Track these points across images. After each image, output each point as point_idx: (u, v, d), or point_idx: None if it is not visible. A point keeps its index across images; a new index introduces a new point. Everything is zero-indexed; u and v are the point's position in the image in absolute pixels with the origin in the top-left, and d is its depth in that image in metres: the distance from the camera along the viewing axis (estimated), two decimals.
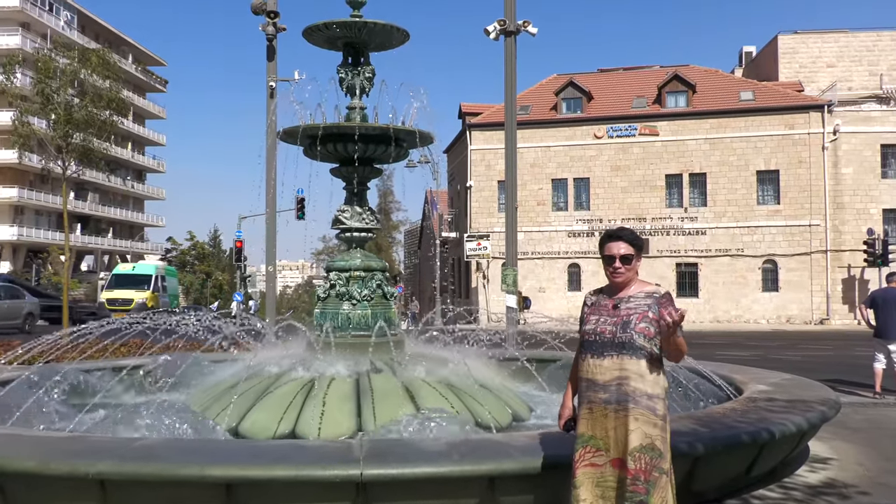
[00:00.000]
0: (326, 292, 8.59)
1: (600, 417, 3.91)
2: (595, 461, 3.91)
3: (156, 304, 41.25)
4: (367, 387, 7.36)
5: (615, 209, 43.50)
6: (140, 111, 79.55)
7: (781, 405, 6.91)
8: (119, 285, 41.95)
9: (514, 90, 18.71)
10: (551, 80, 48.63)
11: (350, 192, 8.92)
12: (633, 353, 3.88)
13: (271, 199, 20.28)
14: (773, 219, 41.81)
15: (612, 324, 3.95)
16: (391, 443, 5.57)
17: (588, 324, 4.05)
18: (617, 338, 3.91)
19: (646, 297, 3.98)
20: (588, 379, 3.98)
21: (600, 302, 4.09)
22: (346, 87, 8.88)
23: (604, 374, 3.91)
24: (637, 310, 3.93)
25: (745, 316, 41.69)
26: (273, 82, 20.63)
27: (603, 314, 4.01)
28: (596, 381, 3.93)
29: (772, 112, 42.15)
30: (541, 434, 5.38)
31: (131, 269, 44.63)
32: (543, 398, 8.57)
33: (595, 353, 3.96)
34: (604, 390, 3.90)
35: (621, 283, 4.04)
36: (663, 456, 3.83)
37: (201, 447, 5.41)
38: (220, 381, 8.35)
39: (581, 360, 4.08)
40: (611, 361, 3.91)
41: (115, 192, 78.09)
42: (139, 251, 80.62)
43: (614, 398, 3.87)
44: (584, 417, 3.98)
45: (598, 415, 3.91)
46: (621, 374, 3.88)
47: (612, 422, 3.88)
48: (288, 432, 6.86)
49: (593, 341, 3.99)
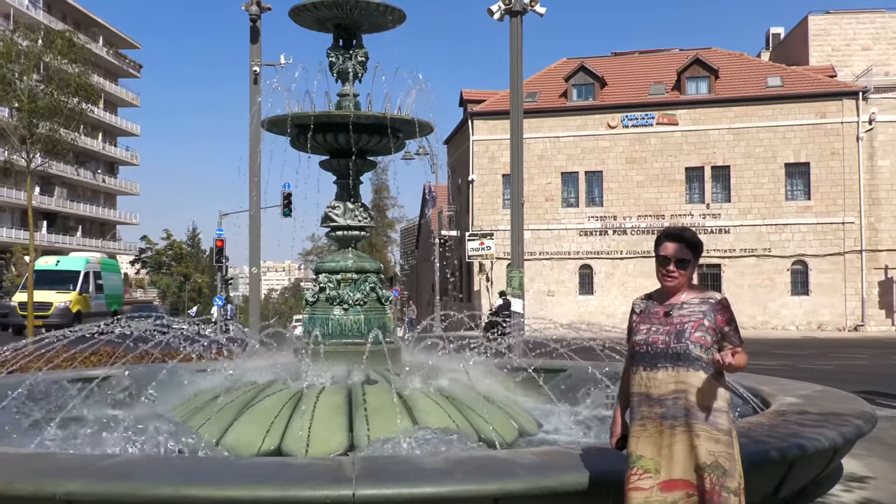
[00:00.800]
0: (315, 296, 8.59)
1: (654, 434, 3.92)
2: (640, 484, 3.91)
3: (85, 308, 37.44)
4: (361, 399, 7.36)
5: (630, 205, 43.52)
6: (112, 98, 79.60)
7: (812, 419, 6.91)
8: (37, 285, 36.13)
9: (521, 76, 18.73)
10: (561, 65, 48.63)
11: (341, 186, 8.92)
12: (690, 365, 3.89)
13: (255, 195, 20.30)
14: (804, 216, 41.81)
15: (665, 333, 3.96)
16: (387, 460, 5.57)
17: (638, 334, 4.06)
18: (671, 348, 3.92)
19: (700, 304, 3.99)
20: (641, 393, 3.99)
21: (650, 309, 4.10)
22: (337, 72, 8.88)
23: (659, 388, 3.93)
24: (691, 317, 3.95)
25: (773, 322, 41.70)
26: (257, 67, 20.66)
27: (654, 322, 4.03)
28: (650, 396, 3.95)
29: (802, 99, 42.16)
30: (550, 451, 5.38)
31: (54, 265, 38.76)
32: (552, 411, 8.57)
33: (648, 365, 3.97)
34: (659, 405, 3.92)
35: (673, 288, 4.06)
36: (730, 474, 3.82)
37: (179, 465, 5.42)
38: (200, 393, 8.36)
39: (632, 372, 4.08)
40: (665, 374, 3.92)
41: (84, 187, 78.14)
42: (111, 251, 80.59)
43: (671, 413, 3.89)
44: (634, 435, 4.00)
45: (653, 431, 3.93)
46: (678, 386, 3.89)
47: (667, 439, 3.89)
48: (273, 448, 6.86)
49: (645, 352, 3.99)
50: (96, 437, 6.18)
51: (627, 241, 43.54)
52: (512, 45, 18.56)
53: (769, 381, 9.54)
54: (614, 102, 44.46)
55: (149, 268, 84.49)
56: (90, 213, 78.24)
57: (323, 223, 8.92)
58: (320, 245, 73.12)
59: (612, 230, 43.68)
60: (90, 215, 78.42)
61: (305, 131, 8.43)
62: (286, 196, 31.95)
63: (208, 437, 6.94)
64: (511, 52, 18.58)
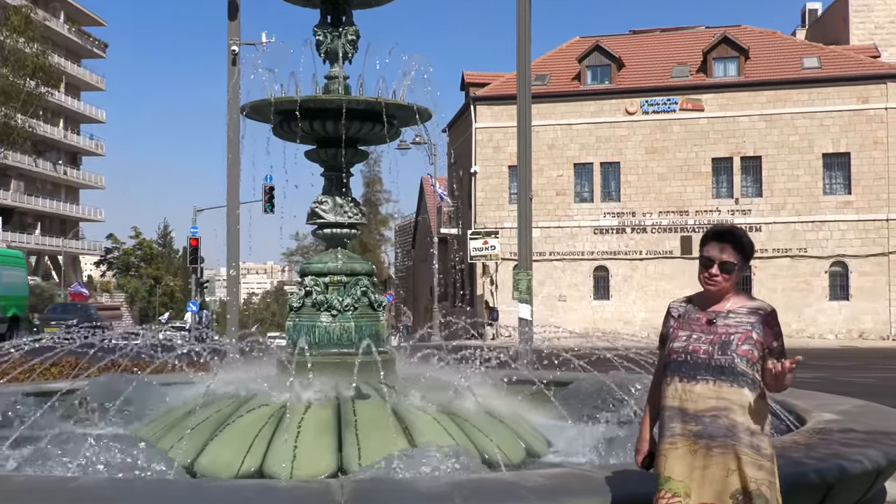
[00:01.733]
0: (301, 301, 8.60)
1: (687, 454, 3.89)
2: None
3: None
4: (351, 416, 7.38)
5: (651, 200, 43.56)
6: (74, 81, 79.64)
7: (853, 437, 6.92)
8: None
9: (529, 56, 18.74)
10: (573, 44, 48.67)
11: (329, 179, 8.93)
12: (734, 380, 3.88)
13: (233, 189, 20.33)
14: (843, 212, 41.85)
15: (709, 342, 3.93)
16: (379, 483, 5.57)
17: (677, 340, 4.02)
18: (714, 360, 3.90)
19: (749, 314, 3.97)
20: (675, 407, 3.96)
21: (690, 314, 4.08)
22: (325, 52, 8.88)
23: (696, 402, 3.90)
24: (738, 328, 3.93)
25: (809, 330, 41.73)
26: (236, 46, 20.68)
27: (695, 330, 4.00)
28: (686, 410, 3.92)
29: (841, 82, 42.20)
30: (561, 473, 5.39)
31: None
32: (564, 429, 8.58)
33: (685, 376, 3.95)
34: (695, 421, 3.89)
35: (715, 293, 4.04)
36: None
37: (148, 489, 5.42)
38: (173, 408, 8.37)
39: (666, 383, 4.04)
40: (705, 387, 3.90)
41: (43, 180, 78.17)
42: (73, 251, 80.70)
43: (708, 431, 3.86)
44: (664, 454, 3.96)
45: (685, 451, 3.89)
46: (719, 403, 3.87)
47: (700, 460, 3.86)
48: (254, 470, 6.87)
49: (683, 361, 3.96)
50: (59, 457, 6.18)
51: (647, 240, 43.58)
52: (519, 22, 18.57)
53: (804, 396, 9.55)
54: (633, 86, 44.50)
55: (115, 269, 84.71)
56: (50, 209, 78.28)
57: (309, 220, 8.92)
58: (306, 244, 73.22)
59: (630, 228, 43.71)
60: (50, 211, 78.47)
61: (290, 118, 8.43)
62: (268, 190, 32.03)
63: (182, 457, 6.95)
64: (518, 29, 18.60)
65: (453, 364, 9.26)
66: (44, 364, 12.04)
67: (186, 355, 9.63)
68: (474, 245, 43.57)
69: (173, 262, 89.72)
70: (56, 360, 12.33)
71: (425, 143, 41.48)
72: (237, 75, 19.60)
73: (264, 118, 8.76)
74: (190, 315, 36.09)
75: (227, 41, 20.83)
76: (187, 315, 37.20)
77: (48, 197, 78.69)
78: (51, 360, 11.85)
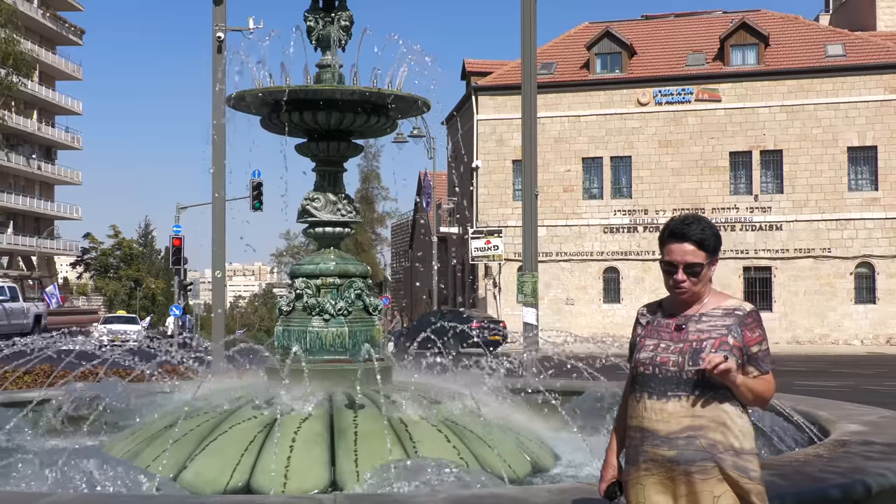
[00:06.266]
0: (291, 304, 8.60)
1: (665, 481, 3.66)
2: None
3: None
4: (345, 427, 7.38)
5: (664, 197, 43.55)
6: (48, 70, 79.63)
7: (879, 450, 6.93)
8: None
9: (534, 43, 18.76)
10: (582, 30, 48.68)
11: (321, 174, 8.93)
12: (711, 395, 3.62)
13: (219, 184, 20.32)
14: (870, 209, 41.86)
15: (678, 352, 3.67)
16: (374, 499, 5.58)
17: (643, 350, 3.77)
18: (685, 372, 3.63)
19: (724, 316, 3.71)
20: (644, 428, 3.70)
21: (659, 320, 3.82)
22: (317, 38, 8.89)
23: (668, 423, 3.63)
24: (711, 333, 3.67)
25: (833, 335, 41.74)
26: (221, 32, 20.68)
27: (664, 338, 3.75)
28: (656, 433, 3.65)
29: (868, 71, 42.20)
30: (569, 488, 5.39)
31: None
32: (572, 441, 8.59)
33: (654, 392, 3.68)
34: (668, 444, 3.63)
35: (687, 299, 3.77)
36: None
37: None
38: (155, 420, 8.37)
39: (633, 401, 3.79)
40: (677, 405, 3.63)
41: (15, 175, 78.10)
42: (48, 251, 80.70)
43: (684, 457, 3.60)
44: (636, 482, 3.73)
45: (660, 478, 3.66)
46: (693, 422, 3.61)
47: (681, 488, 3.63)
48: (242, 485, 6.87)
49: (651, 375, 3.70)
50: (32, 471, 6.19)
51: None
52: (524, 7, 18.59)
53: (828, 406, 9.56)
54: (645, 75, 44.49)
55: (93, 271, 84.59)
56: (23, 206, 78.20)
57: (300, 218, 8.92)
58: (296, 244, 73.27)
59: (642, 226, 43.70)
60: (23, 208, 78.39)
61: (279, 109, 8.43)
62: (256, 186, 32.01)
63: (163, 471, 6.95)
64: (523, 14, 18.61)
65: (454, 371, 9.28)
66: (16, 371, 12.04)
67: (169, 362, 9.65)
68: (476, 245, 43.57)
69: (155, 263, 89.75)
70: (29, 368, 12.33)
71: (423, 136, 41.58)
72: (223, 63, 19.60)
73: (252, 109, 8.76)
74: (172, 320, 36.10)
75: (212, 27, 20.83)
76: (169, 319, 37.21)
77: (21, 193, 78.62)
78: (24, 366, 11.86)
